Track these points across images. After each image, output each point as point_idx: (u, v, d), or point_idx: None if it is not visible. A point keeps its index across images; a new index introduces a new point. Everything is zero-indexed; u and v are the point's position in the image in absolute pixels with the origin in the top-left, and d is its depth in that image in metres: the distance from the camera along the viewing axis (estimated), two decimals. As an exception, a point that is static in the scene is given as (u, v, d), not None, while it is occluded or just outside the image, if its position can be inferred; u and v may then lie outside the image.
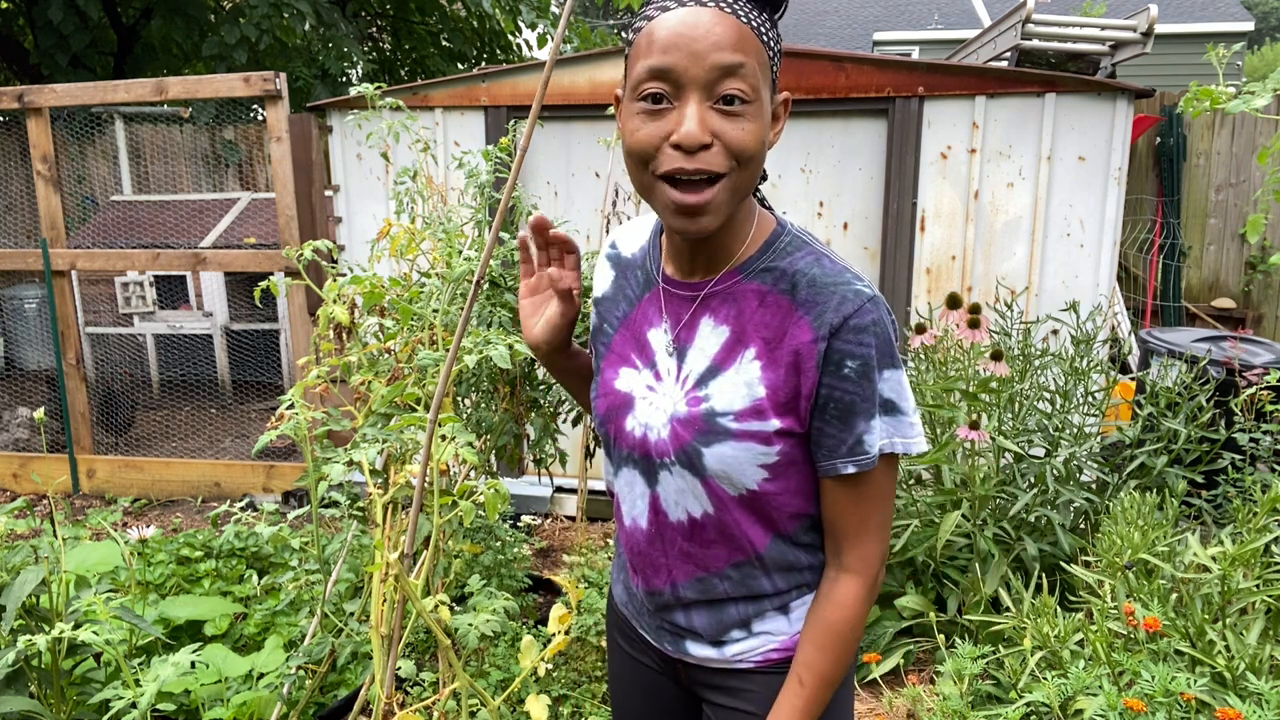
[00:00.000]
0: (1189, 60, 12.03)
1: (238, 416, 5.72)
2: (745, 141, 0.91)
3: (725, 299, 1.03)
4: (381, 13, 10.03)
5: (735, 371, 1.00)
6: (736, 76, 0.90)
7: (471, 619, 1.53)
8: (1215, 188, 6.14)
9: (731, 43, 0.89)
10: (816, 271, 0.98)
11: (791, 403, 0.98)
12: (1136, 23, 3.80)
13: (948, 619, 2.62)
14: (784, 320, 0.98)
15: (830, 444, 0.99)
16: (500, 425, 2.34)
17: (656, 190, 0.94)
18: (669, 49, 0.90)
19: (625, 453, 1.10)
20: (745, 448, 0.99)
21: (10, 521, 2.01)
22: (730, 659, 1.10)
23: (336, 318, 1.82)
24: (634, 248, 1.16)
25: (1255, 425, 2.90)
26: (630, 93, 0.94)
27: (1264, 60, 20.73)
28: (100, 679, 2.06)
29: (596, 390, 1.14)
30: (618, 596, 1.26)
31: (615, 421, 1.10)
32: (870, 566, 1.03)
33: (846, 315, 0.95)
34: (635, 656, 1.23)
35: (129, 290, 5.75)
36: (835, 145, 3.84)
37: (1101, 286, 3.62)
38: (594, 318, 1.19)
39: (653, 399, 1.06)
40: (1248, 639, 1.77)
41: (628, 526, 1.14)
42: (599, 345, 1.17)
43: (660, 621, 1.15)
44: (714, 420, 1.00)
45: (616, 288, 1.16)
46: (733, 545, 1.06)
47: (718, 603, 1.09)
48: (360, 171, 4.19)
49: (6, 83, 7.98)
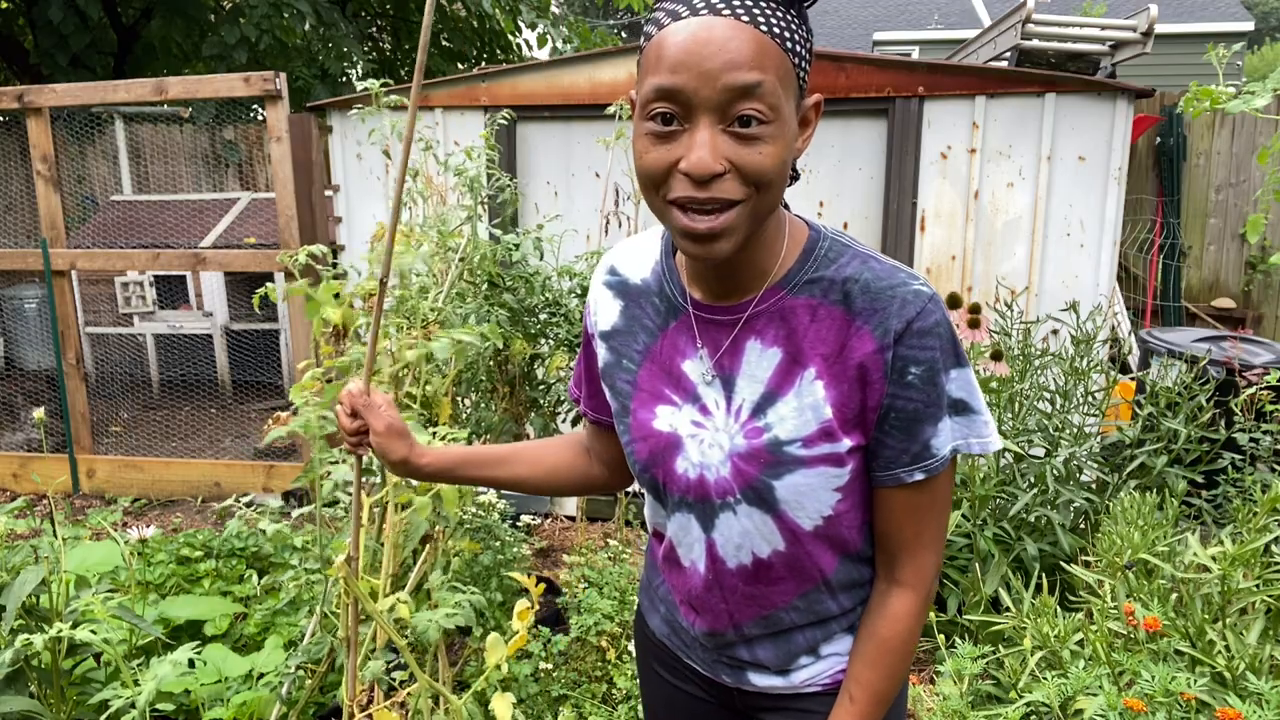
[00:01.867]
0: (1189, 60, 12.01)
1: (238, 416, 5.72)
2: (763, 166, 0.83)
3: (771, 319, 0.94)
4: (381, 13, 10.03)
5: (796, 395, 0.93)
6: (753, 97, 0.81)
7: (431, 615, 1.53)
8: (1215, 188, 6.14)
9: (748, 60, 0.80)
10: (869, 276, 0.91)
11: (859, 417, 0.92)
12: (1136, 23, 3.80)
13: (948, 619, 2.62)
14: (842, 333, 0.91)
15: (890, 454, 0.93)
16: (500, 425, 2.34)
17: (669, 215, 0.87)
18: (678, 68, 0.81)
19: (678, 497, 1.02)
20: (819, 474, 0.93)
21: (10, 521, 2.01)
22: (799, 685, 1.05)
23: (328, 318, 1.82)
24: (643, 271, 1.06)
25: (1255, 425, 2.90)
26: (640, 109, 0.86)
27: (1264, 60, 20.73)
28: (100, 679, 2.06)
29: (631, 434, 1.04)
30: (657, 629, 1.17)
31: (663, 465, 1.01)
32: (925, 579, 0.98)
33: (909, 319, 0.89)
34: (679, 686, 1.16)
35: (129, 290, 5.75)
36: (835, 145, 3.84)
37: (1101, 286, 3.62)
38: (605, 354, 1.08)
39: (704, 435, 0.98)
40: (1248, 639, 1.77)
41: (685, 569, 1.06)
42: (619, 384, 1.06)
43: (719, 656, 1.08)
44: (780, 450, 0.93)
45: (629, 318, 1.05)
46: (802, 577, 1.00)
47: (785, 633, 1.03)
48: (360, 171, 4.19)
49: (6, 83, 7.98)
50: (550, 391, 2.82)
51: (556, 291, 2.79)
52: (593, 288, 1.12)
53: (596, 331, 1.10)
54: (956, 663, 2.00)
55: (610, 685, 2.38)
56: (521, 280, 2.70)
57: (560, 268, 2.83)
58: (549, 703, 2.31)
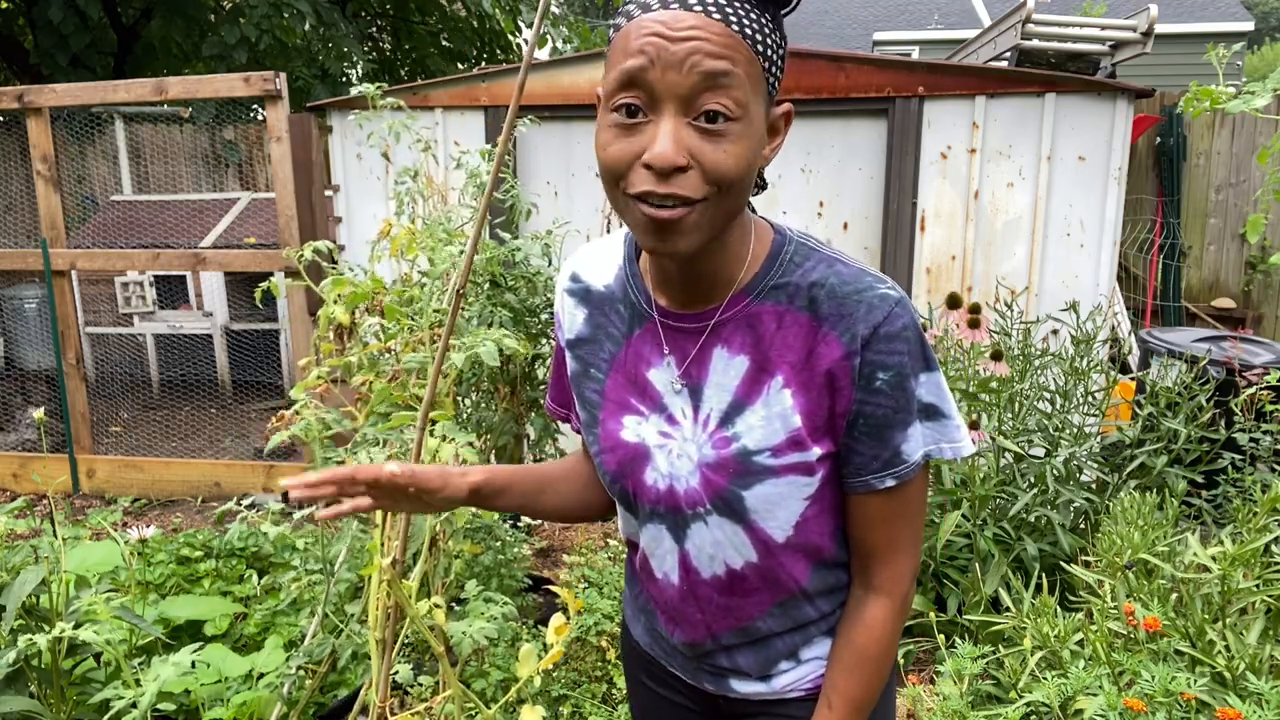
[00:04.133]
0: (1189, 60, 12.01)
1: (238, 416, 5.72)
2: (726, 166, 0.80)
3: (737, 326, 0.93)
4: (381, 13, 10.03)
5: (764, 404, 0.91)
6: (720, 89, 0.78)
7: (466, 627, 1.52)
8: (1215, 188, 6.14)
9: (716, 50, 0.78)
10: (834, 281, 0.89)
11: (828, 425, 0.91)
12: (1136, 23, 3.80)
13: (948, 619, 2.62)
14: (809, 340, 0.90)
15: (860, 460, 0.92)
16: (500, 425, 2.34)
17: (629, 209, 0.84)
18: (645, 50, 0.78)
19: (649, 509, 1.00)
20: (789, 483, 0.92)
21: (10, 521, 2.01)
22: (780, 690, 1.04)
23: (336, 318, 1.82)
24: (605, 277, 1.03)
25: (1255, 425, 2.90)
26: (605, 101, 0.83)
27: (1264, 60, 20.73)
28: (100, 679, 2.06)
29: (599, 444, 1.02)
30: (639, 638, 1.15)
31: (632, 477, 0.99)
32: (900, 585, 0.97)
33: (876, 324, 0.87)
34: (664, 694, 1.15)
35: (129, 290, 5.75)
36: (835, 145, 3.84)
37: (1101, 286, 3.62)
38: (573, 363, 1.05)
39: (672, 446, 0.96)
40: (1248, 639, 1.77)
41: (659, 581, 1.04)
42: (588, 394, 1.04)
43: (700, 665, 1.07)
44: (749, 460, 0.92)
45: (594, 326, 1.03)
46: (776, 588, 0.99)
47: (763, 640, 1.02)
48: (360, 171, 4.19)
49: (6, 83, 7.98)
50: (550, 391, 2.82)
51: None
52: (557, 295, 1.09)
53: (564, 341, 1.07)
54: (956, 663, 2.01)
55: (610, 685, 2.38)
56: (523, 280, 2.70)
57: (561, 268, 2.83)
58: (549, 703, 2.31)
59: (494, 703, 1.98)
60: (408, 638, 1.90)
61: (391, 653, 1.34)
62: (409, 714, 1.27)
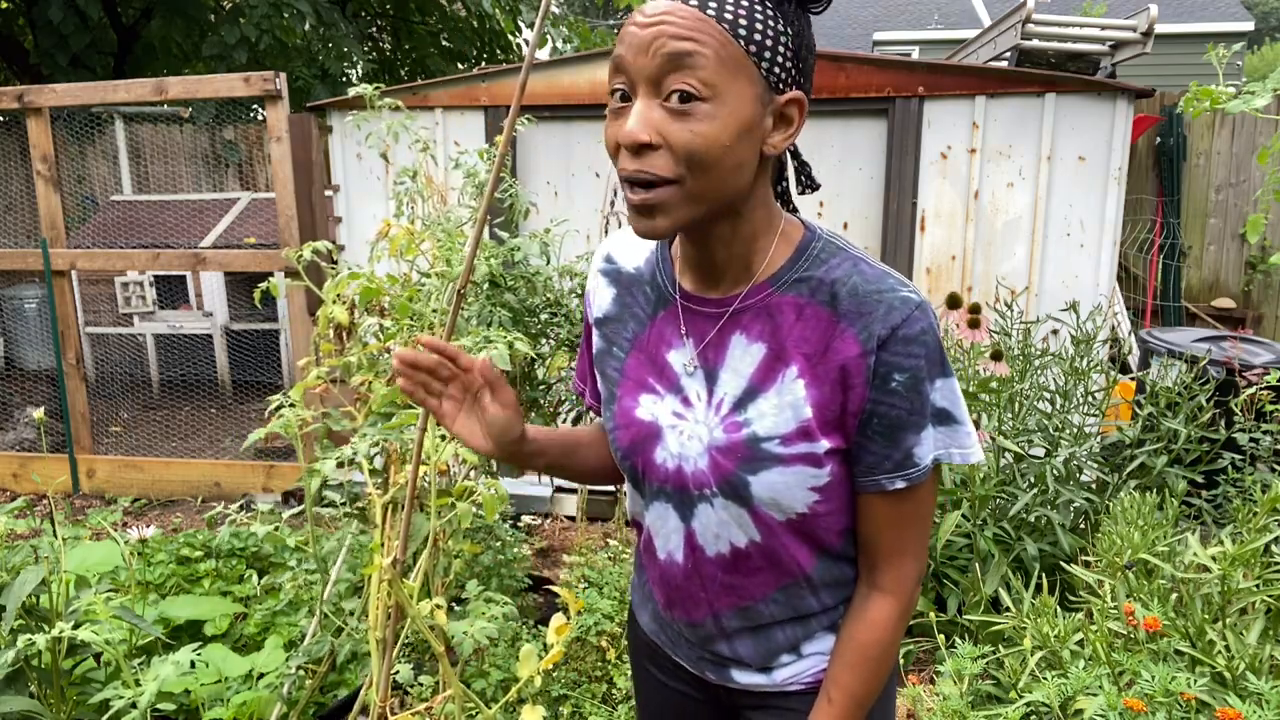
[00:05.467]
0: (1189, 60, 12.01)
1: (238, 416, 5.72)
2: (693, 144, 0.82)
3: (758, 314, 0.95)
4: (381, 13, 10.03)
5: (777, 392, 0.93)
6: (684, 69, 0.81)
7: (467, 627, 1.52)
8: (1215, 188, 6.14)
9: (679, 32, 0.81)
10: (857, 279, 0.91)
11: (839, 420, 0.92)
12: (1136, 23, 3.80)
13: (948, 619, 2.62)
14: (826, 333, 0.91)
15: (872, 460, 0.93)
16: (500, 425, 2.33)
17: (624, 191, 0.89)
18: (621, 43, 0.84)
19: (656, 487, 1.02)
20: (796, 472, 0.93)
21: (10, 521, 2.01)
22: (780, 683, 1.05)
23: (336, 318, 1.82)
24: (636, 260, 1.07)
25: (1255, 425, 2.90)
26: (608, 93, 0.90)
27: (1264, 60, 20.73)
28: (100, 679, 2.06)
29: (615, 420, 1.04)
30: (645, 626, 1.17)
31: (643, 454, 1.01)
32: (905, 587, 0.99)
33: (894, 325, 0.88)
34: (670, 684, 1.16)
35: (129, 290, 5.75)
36: (835, 145, 3.84)
37: (1101, 286, 3.62)
38: (598, 341, 1.09)
39: (684, 427, 0.98)
40: (1248, 639, 1.77)
41: (662, 561, 1.06)
42: (609, 370, 1.07)
43: (702, 652, 1.08)
44: (758, 446, 0.93)
45: (621, 306, 1.06)
46: (779, 570, 1.00)
47: (764, 628, 1.03)
48: (360, 171, 4.19)
49: (6, 83, 7.98)
50: (551, 391, 2.82)
51: (558, 292, 2.79)
52: (590, 275, 1.13)
53: (593, 319, 1.10)
54: (956, 663, 2.01)
55: (610, 685, 2.38)
56: (523, 280, 2.70)
57: (561, 268, 2.83)
58: (549, 703, 2.31)
59: (494, 703, 1.98)
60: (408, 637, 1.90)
61: (392, 652, 1.34)
62: (409, 714, 1.26)
